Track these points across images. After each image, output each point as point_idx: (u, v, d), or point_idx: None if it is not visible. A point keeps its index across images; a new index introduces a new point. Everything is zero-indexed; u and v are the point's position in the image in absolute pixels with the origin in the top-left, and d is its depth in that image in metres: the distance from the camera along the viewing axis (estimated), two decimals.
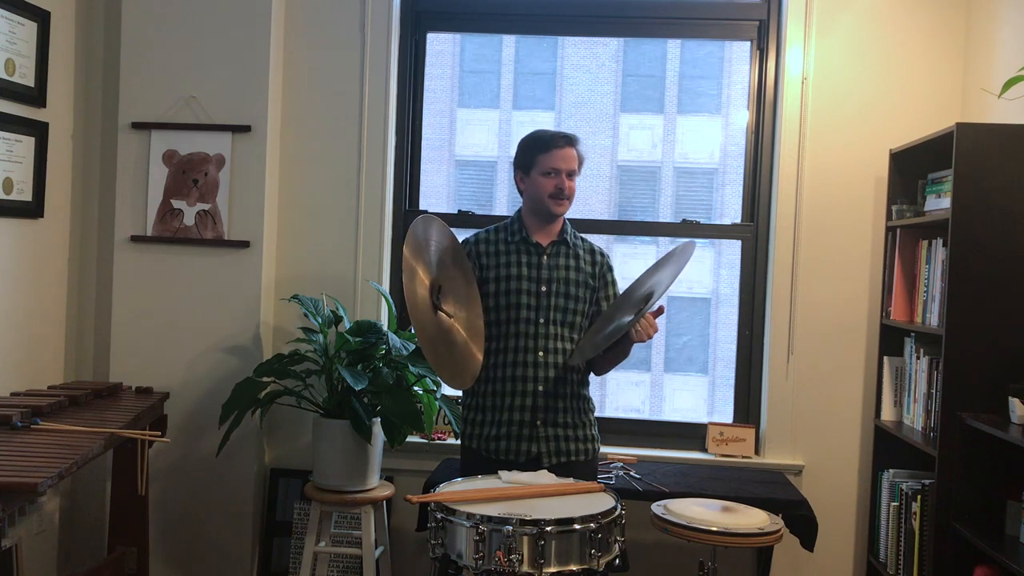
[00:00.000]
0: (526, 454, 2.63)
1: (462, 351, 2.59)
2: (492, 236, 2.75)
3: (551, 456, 2.64)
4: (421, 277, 2.49)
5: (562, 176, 2.64)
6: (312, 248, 3.57)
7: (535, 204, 2.69)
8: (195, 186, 3.43)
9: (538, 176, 2.65)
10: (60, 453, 2.23)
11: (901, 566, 3.04)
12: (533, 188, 2.67)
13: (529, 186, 2.68)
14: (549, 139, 2.67)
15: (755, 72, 3.59)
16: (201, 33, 3.43)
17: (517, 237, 2.71)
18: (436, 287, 2.55)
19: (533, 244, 2.70)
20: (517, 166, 2.73)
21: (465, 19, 3.77)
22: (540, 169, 2.65)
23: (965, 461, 2.65)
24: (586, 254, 2.76)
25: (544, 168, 2.64)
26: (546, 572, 2.00)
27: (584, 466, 2.68)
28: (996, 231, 2.66)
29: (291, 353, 3.19)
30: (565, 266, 2.71)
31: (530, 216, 2.73)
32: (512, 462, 2.60)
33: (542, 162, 2.64)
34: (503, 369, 2.66)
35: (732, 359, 3.63)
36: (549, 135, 2.69)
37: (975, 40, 3.32)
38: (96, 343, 3.57)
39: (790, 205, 3.43)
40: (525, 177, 2.69)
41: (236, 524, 3.45)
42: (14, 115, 3.16)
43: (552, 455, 2.64)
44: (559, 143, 2.66)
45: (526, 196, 2.72)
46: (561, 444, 2.66)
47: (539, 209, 2.69)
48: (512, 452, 2.63)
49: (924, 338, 3.08)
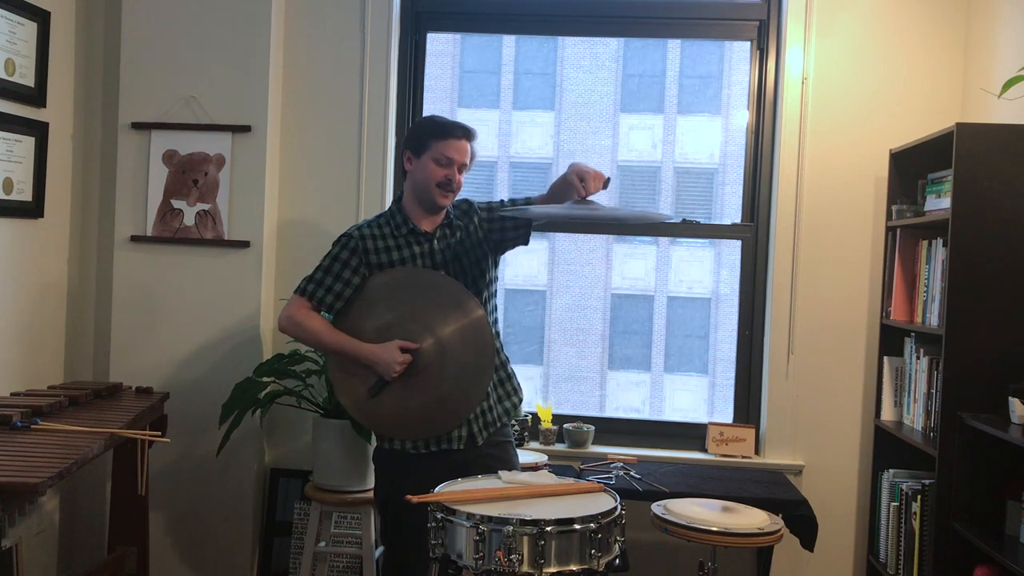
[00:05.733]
0: (459, 440, 2.56)
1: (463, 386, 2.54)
2: (377, 230, 2.62)
3: (482, 432, 2.58)
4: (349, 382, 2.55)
5: (453, 168, 2.57)
6: (312, 248, 3.54)
7: (419, 191, 2.60)
8: (195, 186, 3.43)
9: (429, 161, 2.56)
10: (60, 453, 2.23)
11: (901, 566, 3.04)
12: (421, 172, 2.57)
13: (417, 169, 2.58)
14: (448, 127, 2.59)
15: (755, 72, 3.59)
16: (201, 33, 3.43)
17: (404, 229, 2.61)
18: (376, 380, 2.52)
19: (422, 233, 2.61)
20: (407, 147, 2.62)
21: (465, 19, 3.77)
22: (432, 154, 2.56)
23: (965, 461, 2.65)
24: (464, 220, 2.69)
25: (436, 154, 2.56)
26: (546, 572, 2.00)
27: (508, 426, 2.69)
28: (996, 231, 2.66)
29: (291, 353, 3.19)
30: (455, 244, 2.65)
31: (413, 204, 2.63)
32: (447, 451, 2.54)
33: (436, 148, 2.56)
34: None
35: (732, 359, 3.63)
36: (449, 123, 2.61)
37: (975, 40, 3.32)
38: (96, 343, 3.57)
39: (790, 205, 3.43)
40: (414, 159, 2.59)
41: (236, 524, 3.45)
42: (14, 115, 3.16)
43: (482, 430, 2.58)
44: (457, 133, 2.59)
45: (411, 180, 2.61)
46: (488, 416, 2.60)
47: (423, 197, 2.60)
48: (445, 441, 2.55)
49: (924, 338, 3.08)
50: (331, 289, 2.58)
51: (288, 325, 2.61)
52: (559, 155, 3.94)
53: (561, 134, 3.99)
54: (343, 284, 2.58)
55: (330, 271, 2.59)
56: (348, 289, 2.58)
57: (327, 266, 2.60)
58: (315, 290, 2.58)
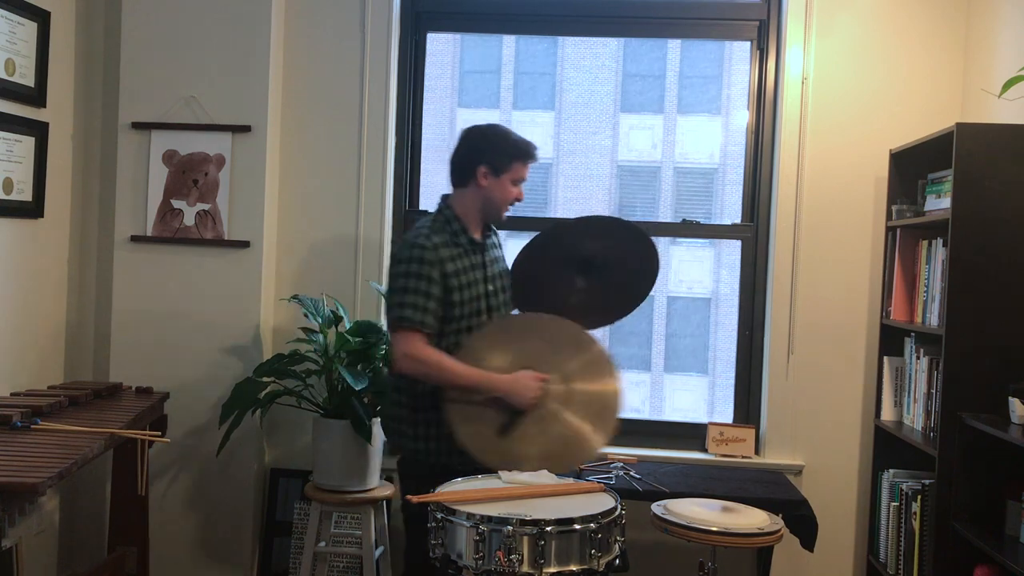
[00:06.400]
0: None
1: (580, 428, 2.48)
2: (441, 239, 2.54)
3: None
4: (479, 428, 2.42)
5: (521, 187, 2.62)
6: (312, 248, 3.57)
7: (489, 206, 2.59)
8: (195, 186, 3.43)
9: (507, 181, 2.57)
10: (60, 453, 2.23)
11: (901, 566, 3.04)
12: (499, 191, 2.56)
13: (495, 187, 2.56)
14: (530, 150, 2.60)
15: (755, 72, 3.59)
16: (201, 33, 3.42)
17: (464, 239, 2.57)
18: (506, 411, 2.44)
19: (478, 244, 2.60)
20: (485, 163, 2.56)
21: (465, 19, 3.77)
22: (513, 175, 2.57)
23: (965, 461, 2.65)
24: (494, 235, 2.73)
25: (516, 175, 2.58)
26: (546, 572, 2.00)
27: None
28: (996, 231, 2.66)
29: (291, 353, 3.19)
30: (496, 257, 2.67)
31: (473, 216, 2.60)
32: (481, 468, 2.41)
33: (517, 170, 2.57)
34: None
35: (732, 359, 3.63)
36: (529, 144, 2.61)
37: (975, 40, 3.32)
38: (96, 343, 3.57)
39: (790, 205, 3.43)
40: (491, 176, 2.56)
41: (236, 524, 3.45)
42: (14, 115, 3.16)
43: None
44: (536, 155, 2.61)
45: (481, 195, 2.57)
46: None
47: (490, 212, 2.60)
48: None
49: (924, 338, 3.08)
50: (429, 310, 2.45)
51: (412, 364, 2.44)
52: (559, 155, 3.94)
53: (561, 134, 3.99)
54: (436, 302, 2.46)
55: (420, 291, 2.45)
56: (439, 307, 2.47)
57: (415, 287, 2.45)
58: (422, 317, 2.44)
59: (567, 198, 3.87)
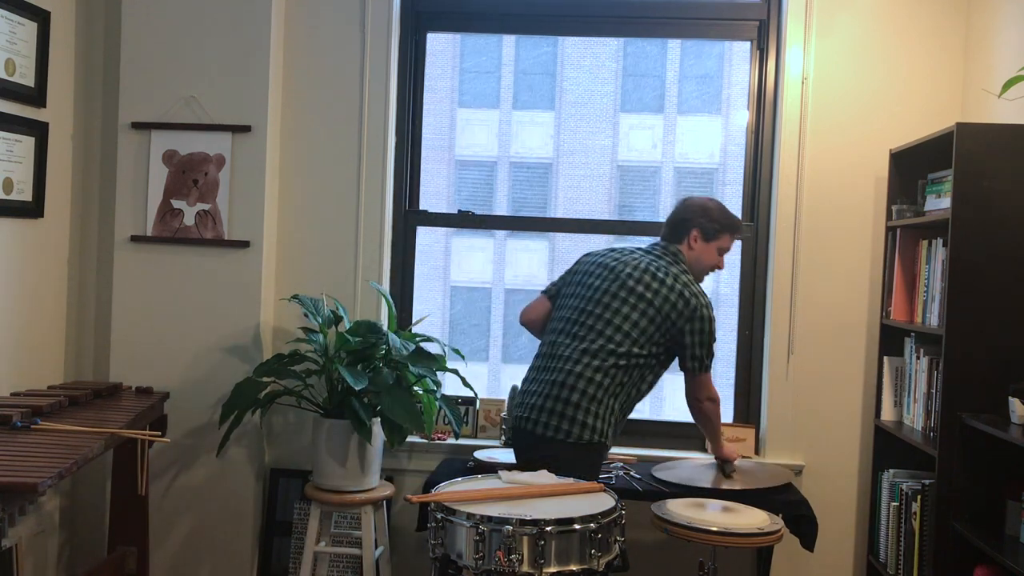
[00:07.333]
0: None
1: None
2: None
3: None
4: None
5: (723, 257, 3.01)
6: (312, 248, 3.57)
7: (697, 267, 2.95)
8: (195, 186, 3.43)
9: (715, 248, 2.95)
10: (60, 453, 2.23)
11: (901, 566, 3.04)
12: (707, 255, 2.95)
13: (703, 251, 2.94)
14: (739, 226, 3.01)
15: (755, 72, 3.59)
16: (201, 33, 3.43)
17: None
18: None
19: None
20: (700, 227, 2.93)
21: (465, 19, 3.77)
22: (720, 244, 2.95)
23: (965, 461, 2.65)
24: None
25: (724, 246, 2.97)
26: (546, 572, 2.00)
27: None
28: (996, 231, 2.66)
29: (291, 353, 3.19)
30: None
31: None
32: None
33: (724, 240, 2.96)
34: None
35: (732, 359, 3.63)
36: (738, 221, 3.01)
37: (975, 40, 3.32)
38: (96, 343, 3.57)
39: (790, 205, 3.44)
40: (702, 241, 2.93)
41: (236, 524, 3.45)
42: (14, 115, 3.16)
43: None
44: (742, 231, 3.05)
45: (691, 256, 2.94)
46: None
47: (697, 272, 2.95)
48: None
49: (924, 338, 3.08)
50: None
51: (713, 407, 2.93)
52: (559, 155, 3.93)
53: (561, 134, 3.99)
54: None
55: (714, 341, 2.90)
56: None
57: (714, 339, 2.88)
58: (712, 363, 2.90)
59: (567, 198, 3.87)
